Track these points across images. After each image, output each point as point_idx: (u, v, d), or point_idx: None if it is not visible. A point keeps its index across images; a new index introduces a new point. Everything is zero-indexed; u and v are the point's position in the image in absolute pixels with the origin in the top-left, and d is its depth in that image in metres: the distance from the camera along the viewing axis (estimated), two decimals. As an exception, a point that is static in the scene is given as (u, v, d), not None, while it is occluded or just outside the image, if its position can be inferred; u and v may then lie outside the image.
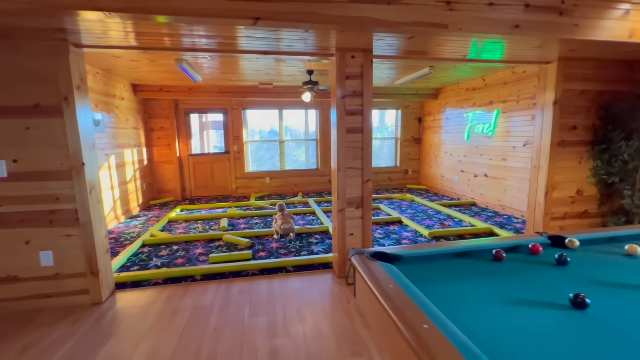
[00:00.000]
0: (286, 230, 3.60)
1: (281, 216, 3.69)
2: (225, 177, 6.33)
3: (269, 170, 6.52)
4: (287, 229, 3.60)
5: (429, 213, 4.73)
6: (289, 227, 3.61)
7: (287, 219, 3.65)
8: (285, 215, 3.70)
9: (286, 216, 3.69)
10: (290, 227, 3.61)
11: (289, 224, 3.61)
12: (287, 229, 3.60)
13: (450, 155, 5.94)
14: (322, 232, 3.83)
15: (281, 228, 3.59)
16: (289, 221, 3.64)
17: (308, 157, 6.77)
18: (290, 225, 3.62)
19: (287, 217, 3.69)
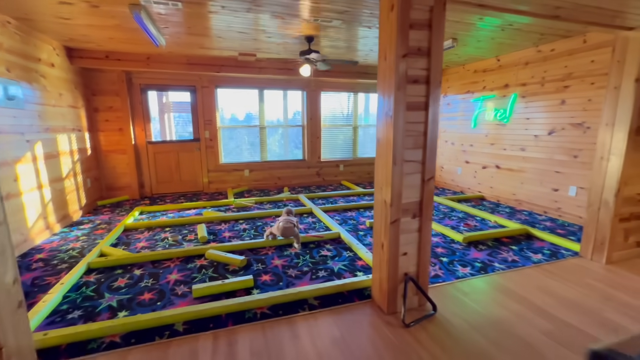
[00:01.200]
0: (287, 232, 2.80)
1: (285, 220, 2.88)
2: (195, 170, 5.25)
3: (247, 161, 5.55)
4: (288, 229, 2.81)
5: (442, 210, 4.15)
6: (290, 230, 2.81)
7: (289, 223, 2.85)
8: (288, 220, 2.89)
9: (289, 221, 2.88)
10: (291, 230, 2.82)
11: (290, 226, 2.82)
12: (288, 231, 2.81)
13: (453, 144, 5.43)
14: (333, 239, 3.06)
15: (280, 227, 2.80)
16: (291, 225, 2.84)
17: (292, 146, 5.90)
18: (291, 227, 2.82)
19: (289, 221, 2.88)
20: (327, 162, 5.97)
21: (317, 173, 5.94)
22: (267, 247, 2.88)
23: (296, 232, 2.85)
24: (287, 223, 2.85)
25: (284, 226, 2.82)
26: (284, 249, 2.84)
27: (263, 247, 2.88)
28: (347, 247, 2.89)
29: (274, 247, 2.88)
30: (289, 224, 2.84)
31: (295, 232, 2.84)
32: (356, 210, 4.14)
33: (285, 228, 2.82)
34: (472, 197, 4.81)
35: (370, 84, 5.80)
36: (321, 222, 3.60)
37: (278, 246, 2.90)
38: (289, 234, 2.83)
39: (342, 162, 6.07)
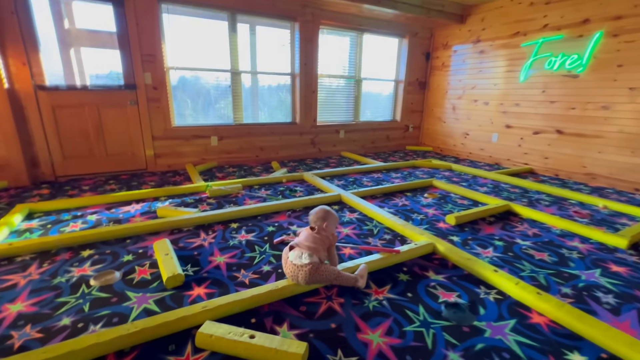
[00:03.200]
0: (314, 276, 1.33)
1: (309, 247, 1.37)
2: (131, 137, 3.32)
3: (214, 124, 3.75)
4: (314, 272, 1.32)
5: (515, 192, 3.02)
6: (318, 272, 1.33)
7: (313, 258, 1.34)
8: (323, 236, 1.40)
9: (322, 238, 1.40)
10: (319, 272, 1.33)
11: (314, 265, 1.33)
12: (316, 276, 1.33)
13: (486, 104, 4.30)
14: (428, 257, 1.69)
15: (304, 273, 1.32)
16: (315, 264, 1.36)
17: (275, 105, 4.20)
18: (316, 266, 1.33)
19: (323, 238, 1.40)
20: (324, 126, 4.43)
21: (312, 141, 4.39)
22: (314, 298, 1.39)
23: (330, 274, 1.37)
24: (312, 258, 1.35)
25: (309, 270, 1.32)
26: (354, 295, 1.38)
27: (311, 296, 1.38)
28: (471, 277, 1.54)
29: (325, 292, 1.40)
30: (313, 258, 1.35)
31: (328, 275, 1.37)
32: (401, 192, 2.79)
33: (312, 271, 1.33)
34: (519, 170, 3.79)
35: (384, 19, 4.28)
36: (367, 217, 2.18)
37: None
38: (319, 279, 1.36)
39: (343, 127, 4.60)
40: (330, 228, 1.44)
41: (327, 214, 1.46)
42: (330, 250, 1.46)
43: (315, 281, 1.34)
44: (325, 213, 1.46)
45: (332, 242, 1.43)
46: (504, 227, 2.15)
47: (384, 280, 1.48)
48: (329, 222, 1.44)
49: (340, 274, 1.37)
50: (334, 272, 1.36)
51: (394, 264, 1.62)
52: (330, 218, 1.45)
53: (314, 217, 1.46)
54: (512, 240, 1.95)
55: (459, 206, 2.55)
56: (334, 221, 1.46)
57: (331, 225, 1.44)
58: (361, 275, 1.41)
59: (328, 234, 1.43)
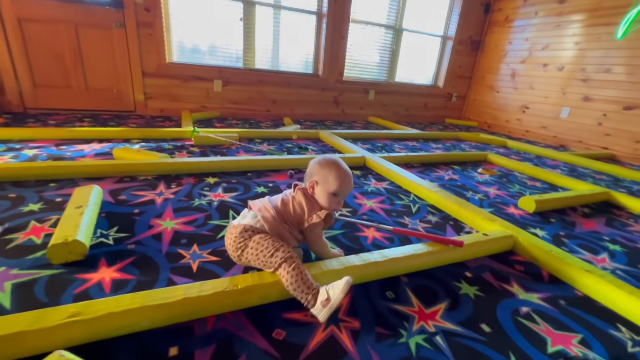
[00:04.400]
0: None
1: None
2: (117, 70, 2.74)
3: (220, 65, 3.10)
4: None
5: (602, 179, 2.22)
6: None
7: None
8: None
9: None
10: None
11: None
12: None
13: (560, 69, 3.38)
14: (497, 256, 1.02)
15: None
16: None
17: (297, 51, 3.47)
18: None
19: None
20: (351, 83, 3.69)
21: (335, 100, 3.67)
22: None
23: (269, 258, 0.74)
24: (254, 221, 0.78)
25: (237, 234, 0.77)
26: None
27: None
28: (594, 304, 0.87)
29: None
30: (256, 223, 0.78)
31: (265, 258, 0.75)
32: (446, 163, 2.08)
33: (239, 238, 0.77)
34: (599, 154, 2.93)
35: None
36: (401, 190, 1.51)
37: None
38: (249, 259, 0.78)
39: (374, 87, 3.83)
40: (321, 194, 0.81)
41: (320, 168, 0.82)
42: (311, 230, 0.82)
43: (246, 260, 0.76)
44: (318, 166, 0.82)
45: (313, 220, 0.80)
46: (611, 222, 1.42)
47: (434, 293, 0.83)
48: (321, 183, 0.81)
49: (296, 272, 0.71)
50: (282, 258, 0.72)
51: (448, 263, 0.96)
52: (326, 176, 0.80)
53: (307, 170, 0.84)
54: (635, 245, 1.23)
55: (530, 188, 1.82)
56: (331, 184, 0.80)
57: (323, 189, 0.81)
58: (332, 293, 0.70)
59: (310, 203, 0.81)
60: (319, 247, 0.86)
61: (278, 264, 0.72)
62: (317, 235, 0.84)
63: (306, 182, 0.84)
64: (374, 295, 0.80)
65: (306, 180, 0.85)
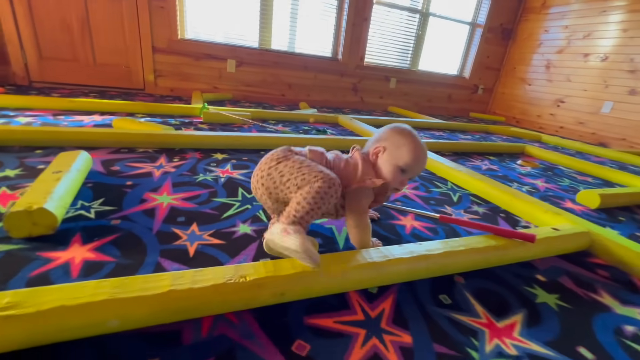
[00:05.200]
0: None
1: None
2: (127, 43, 2.59)
3: (234, 44, 2.91)
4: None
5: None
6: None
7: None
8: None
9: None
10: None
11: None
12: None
13: (604, 60, 3.08)
14: (568, 256, 0.81)
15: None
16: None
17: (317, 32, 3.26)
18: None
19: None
20: (372, 69, 3.46)
21: (354, 87, 3.46)
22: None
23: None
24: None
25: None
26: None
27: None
28: None
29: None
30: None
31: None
32: (479, 154, 1.86)
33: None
34: (645, 155, 2.64)
35: None
36: (435, 177, 1.30)
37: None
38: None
39: (396, 75, 3.60)
40: (386, 164, 0.65)
41: (395, 134, 0.66)
42: (356, 197, 0.66)
43: (272, 182, 0.64)
44: (392, 132, 0.67)
45: (365, 183, 0.64)
46: (692, 225, 1.19)
47: (502, 300, 0.63)
48: (390, 150, 0.65)
49: (326, 198, 0.60)
50: (324, 176, 0.60)
51: (513, 262, 0.75)
52: (399, 144, 0.65)
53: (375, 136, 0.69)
54: None
55: (581, 183, 1.59)
56: (403, 155, 0.64)
57: (391, 158, 0.65)
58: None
59: (368, 167, 0.66)
60: (360, 227, 0.67)
61: (317, 177, 0.58)
62: (361, 207, 0.67)
63: (370, 147, 0.68)
64: (424, 298, 0.61)
65: (370, 146, 0.68)
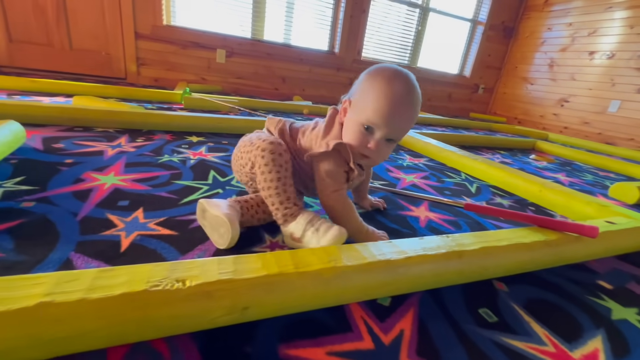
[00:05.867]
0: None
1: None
2: (107, 29, 2.39)
3: (224, 34, 2.73)
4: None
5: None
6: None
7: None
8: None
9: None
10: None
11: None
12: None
13: (610, 57, 2.96)
14: (625, 256, 0.63)
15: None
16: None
17: (313, 25, 3.10)
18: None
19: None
20: (370, 64, 3.24)
21: (352, 82, 3.27)
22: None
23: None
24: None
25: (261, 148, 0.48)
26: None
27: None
28: None
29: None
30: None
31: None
32: (489, 148, 1.69)
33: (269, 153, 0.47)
34: (657, 155, 2.51)
35: None
36: (446, 167, 1.13)
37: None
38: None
39: (394, 71, 3.44)
40: (349, 122, 0.52)
41: (365, 79, 0.51)
42: (317, 171, 0.53)
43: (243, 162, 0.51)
44: (363, 76, 0.52)
45: (320, 148, 0.52)
46: None
47: (567, 317, 0.44)
48: (355, 102, 0.51)
49: (282, 171, 0.49)
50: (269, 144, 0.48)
51: (565, 264, 0.57)
52: (365, 90, 0.50)
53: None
54: None
55: (605, 179, 1.42)
56: (365, 105, 0.49)
57: (354, 113, 0.51)
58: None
59: (329, 128, 0.54)
60: (339, 211, 0.49)
61: (260, 147, 0.47)
62: (327, 184, 0.50)
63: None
64: (459, 314, 0.42)
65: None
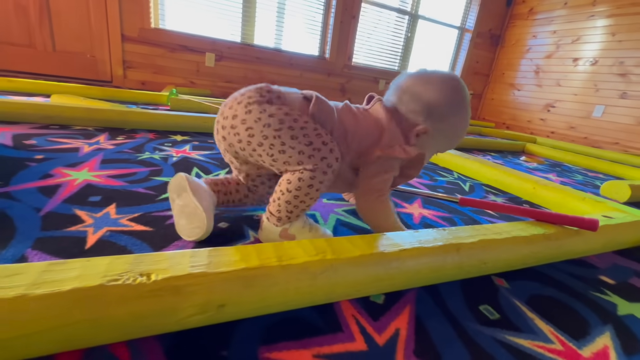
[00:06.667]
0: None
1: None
2: (92, 31, 2.34)
3: (214, 38, 2.70)
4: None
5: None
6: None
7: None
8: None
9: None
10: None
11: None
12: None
13: (593, 64, 3.04)
14: (623, 252, 0.61)
15: None
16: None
17: (304, 30, 3.10)
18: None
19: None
20: (360, 69, 3.32)
21: (342, 88, 3.30)
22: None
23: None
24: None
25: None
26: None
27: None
28: None
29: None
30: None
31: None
32: (479, 150, 1.69)
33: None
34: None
35: None
36: (439, 167, 1.11)
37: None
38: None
39: (384, 76, 3.47)
40: (431, 146, 0.52)
41: (453, 105, 0.50)
42: (377, 172, 0.47)
43: (245, 135, 0.43)
44: (451, 99, 0.51)
45: (394, 152, 0.46)
46: None
47: (571, 313, 0.42)
48: (440, 131, 0.50)
49: (315, 189, 0.43)
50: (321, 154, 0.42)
51: (565, 259, 0.54)
52: (454, 126, 0.51)
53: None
54: None
55: (595, 179, 1.43)
56: (458, 136, 0.52)
57: (441, 141, 0.52)
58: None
59: (396, 129, 0.47)
60: (379, 210, 0.47)
61: (308, 162, 0.41)
62: (382, 185, 0.46)
63: (402, 108, 0.49)
64: (459, 311, 0.38)
65: (403, 106, 0.50)
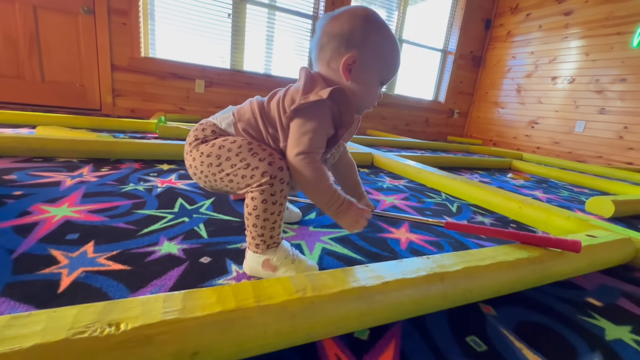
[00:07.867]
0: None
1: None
2: (82, 61, 2.37)
3: (203, 65, 2.76)
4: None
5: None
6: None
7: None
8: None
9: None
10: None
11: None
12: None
13: (571, 82, 3.17)
14: (610, 271, 0.61)
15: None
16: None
17: (292, 55, 3.19)
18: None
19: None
20: (349, 92, 3.40)
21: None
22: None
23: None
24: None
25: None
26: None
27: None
28: None
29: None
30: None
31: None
32: (467, 168, 1.71)
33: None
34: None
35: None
36: (427, 188, 1.12)
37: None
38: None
39: (372, 98, 3.55)
40: (367, 79, 0.48)
41: (371, 30, 0.45)
42: (297, 128, 0.45)
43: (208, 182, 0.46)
44: (364, 24, 0.44)
45: (309, 98, 0.44)
46: None
47: (560, 341, 0.41)
48: (368, 57, 0.46)
49: (274, 207, 0.44)
50: (264, 174, 0.43)
51: (550, 282, 0.54)
52: (381, 44, 0.46)
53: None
54: None
55: (581, 194, 1.45)
56: (389, 60, 0.48)
57: (373, 69, 0.47)
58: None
59: (312, 84, 0.46)
60: (310, 179, 0.43)
61: (257, 182, 0.41)
62: (301, 142, 0.43)
63: (325, 56, 0.45)
64: (445, 344, 0.38)
65: (325, 53, 0.45)
